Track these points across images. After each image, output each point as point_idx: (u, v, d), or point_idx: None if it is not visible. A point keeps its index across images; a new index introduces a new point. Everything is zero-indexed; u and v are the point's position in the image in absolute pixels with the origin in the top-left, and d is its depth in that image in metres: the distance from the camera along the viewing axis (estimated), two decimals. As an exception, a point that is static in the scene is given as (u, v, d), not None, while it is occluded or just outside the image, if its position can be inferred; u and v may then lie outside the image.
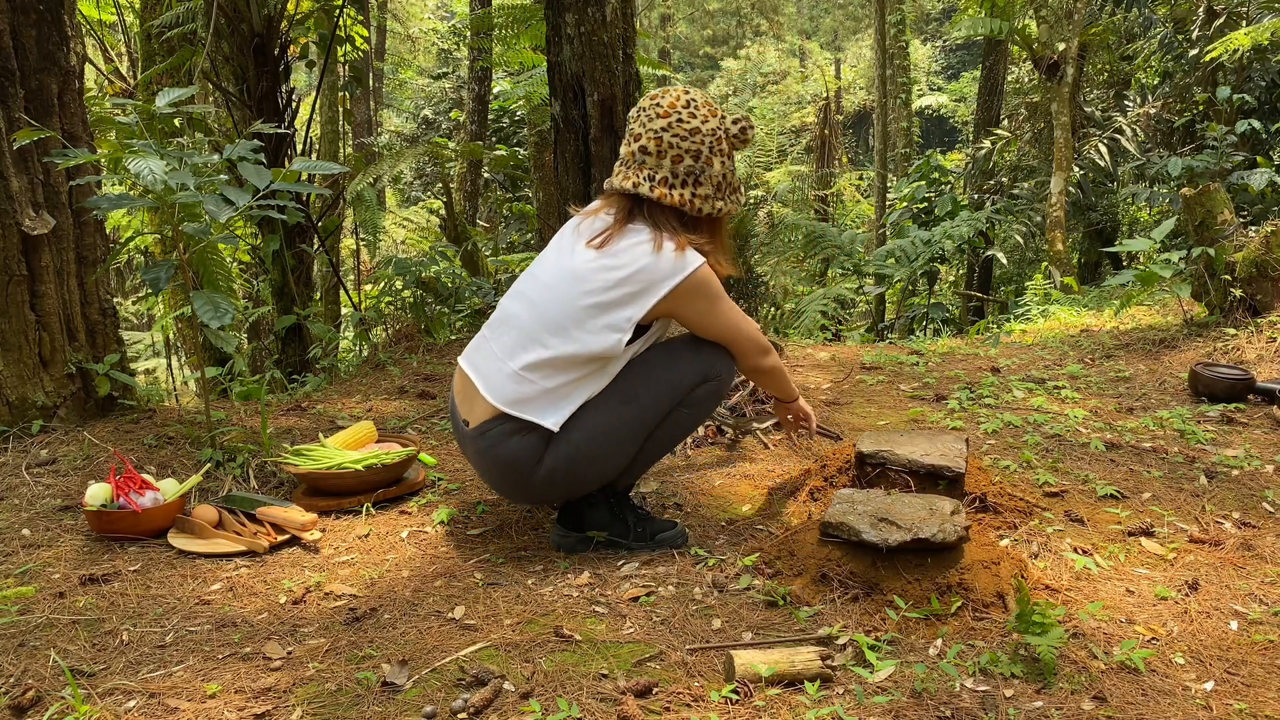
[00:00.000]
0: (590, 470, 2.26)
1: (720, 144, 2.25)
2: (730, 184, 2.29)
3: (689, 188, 2.22)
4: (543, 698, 1.72)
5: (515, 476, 2.25)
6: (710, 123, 2.23)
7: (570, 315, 2.18)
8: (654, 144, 2.21)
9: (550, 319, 2.20)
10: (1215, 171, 7.73)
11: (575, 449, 2.22)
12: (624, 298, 2.16)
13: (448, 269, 5.22)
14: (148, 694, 1.78)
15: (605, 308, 2.16)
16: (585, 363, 2.19)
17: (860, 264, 8.99)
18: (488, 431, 2.24)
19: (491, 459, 2.25)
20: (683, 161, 2.21)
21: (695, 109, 2.23)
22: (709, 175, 2.23)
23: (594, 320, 2.17)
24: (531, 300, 2.26)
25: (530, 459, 2.22)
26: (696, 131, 2.21)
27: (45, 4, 3.22)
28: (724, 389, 2.36)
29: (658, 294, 2.16)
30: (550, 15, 4.32)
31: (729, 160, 2.28)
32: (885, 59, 16.47)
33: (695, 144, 2.21)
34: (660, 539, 2.40)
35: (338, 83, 9.77)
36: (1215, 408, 3.45)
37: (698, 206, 2.23)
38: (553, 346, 2.18)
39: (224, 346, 2.86)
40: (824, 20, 33.02)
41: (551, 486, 2.27)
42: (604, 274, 2.17)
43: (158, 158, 2.65)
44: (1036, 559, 2.25)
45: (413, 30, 21.69)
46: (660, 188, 2.21)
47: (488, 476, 2.32)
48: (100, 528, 2.52)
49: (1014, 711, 1.65)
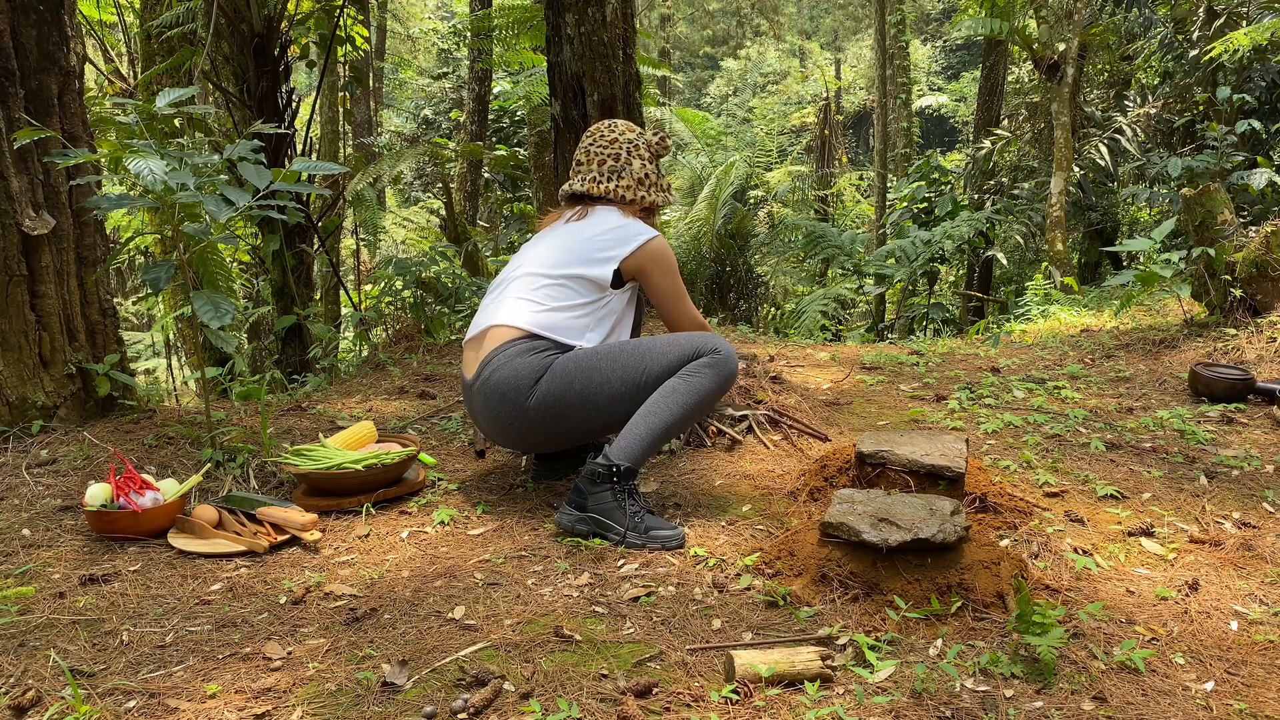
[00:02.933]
0: (579, 411, 2.51)
1: (638, 149, 2.80)
2: (652, 182, 2.82)
3: (613, 181, 2.77)
4: (543, 698, 1.72)
5: (512, 396, 2.51)
6: (628, 135, 2.81)
7: (568, 251, 2.65)
8: (584, 155, 2.82)
9: (550, 258, 2.66)
10: (1215, 171, 7.73)
11: (569, 380, 2.48)
12: (609, 243, 2.66)
13: (448, 269, 5.22)
14: (148, 694, 1.78)
15: (596, 247, 2.65)
16: (583, 287, 2.62)
17: (860, 264, 8.99)
18: (492, 359, 2.55)
19: (492, 386, 2.53)
20: (605, 164, 2.78)
21: (614, 127, 2.83)
22: (629, 171, 2.78)
23: (587, 254, 2.63)
24: (528, 258, 2.71)
25: (527, 381, 2.49)
26: (615, 141, 2.80)
27: (45, 4, 3.22)
28: (724, 367, 2.52)
29: (633, 244, 2.65)
30: (550, 15, 4.32)
31: (650, 164, 2.82)
32: (885, 59, 16.47)
33: (615, 150, 2.79)
34: (654, 535, 2.40)
35: (338, 83, 9.77)
36: (1215, 408, 3.45)
37: (620, 194, 2.77)
38: (554, 274, 2.62)
39: (224, 346, 2.86)
40: (824, 20, 33.02)
41: (542, 418, 2.52)
42: (591, 228, 2.69)
43: (158, 158, 2.65)
44: (1036, 559, 2.25)
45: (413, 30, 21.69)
46: (590, 183, 2.78)
47: (486, 410, 2.58)
48: (100, 528, 2.52)
49: (1014, 711, 1.65)
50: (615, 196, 2.79)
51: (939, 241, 8.47)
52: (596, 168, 2.79)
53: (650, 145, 2.84)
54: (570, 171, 2.87)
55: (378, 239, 10.94)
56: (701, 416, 2.64)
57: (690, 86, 32.36)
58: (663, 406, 2.47)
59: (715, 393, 2.51)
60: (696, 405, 2.48)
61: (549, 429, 2.55)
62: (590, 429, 2.57)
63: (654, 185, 2.84)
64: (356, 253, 11.69)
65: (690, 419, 2.50)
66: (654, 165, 2.85)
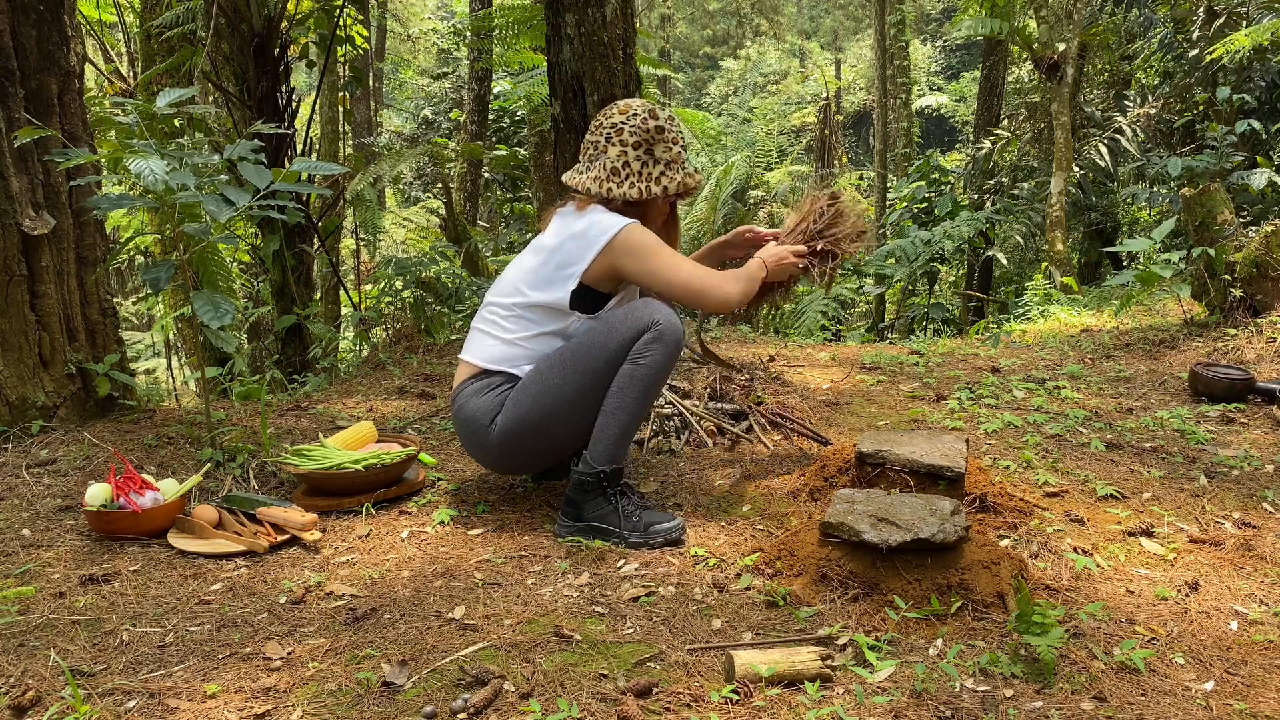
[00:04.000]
0: (543, 431, 2.46)
1: (620, 134, 2.48)
2: (633, 172, 2.49)
3: (587, 173, 2.53)
4: (543, 698, 1.72)
5: (475, 435, 2.51)
6: (614, 118, 2.50)
7: (524, 271, 2.52)
8: (581, 146, 2.59)
9: (507, 282, 2.56)
10: (1215, 171, 7.73)
11: (523, 408, 2.43)
12: (566, 257, 2.45)
13: (448, 269, 5.22)
14: (148, 694, 1.78)
15: (554, 264, 2.46)
16: (540, 315, 2.49)
17: (860, 264, 8.99)
18: (460, 392, 2.55)
19: (458, 420, 2.55)
20: (587, 152, 2.55)
21: (610, 110, 2.53)
22: (602, 161, 2.51)
23: (541, 275, 2.47)
24: (502, 276, 2.62)
25: (485, 418, 2.47)
26: (599, 126, 2.52)
27: (45, 4, 3.22)
28: (668, 336, 2.40)
29: (592, 250, 2.42)
30: (550, 15, 4.32)
31: (634, 150, 2.49)
32: (885, 59, 16.47)
33: (597, 136, 2.52)
34: (655, 530, 2.40)
35: (338, 83, 9.77)
36: (1215, 408, 3.45)
37: (587, 187, 2.52)
38: (507, 304, 2.52)
39: (224, 346, 2.86)
40: (824, 20, 33.02)
41: (506, 447, 2.49)
42: (550, 238, 2.51)
43: (158, 158, 2.65)
44: (1036, 559, 2.25)
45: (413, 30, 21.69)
46: (571, 174, 2.57)
47: (460, 440, 2.60)
48: (100, 528, 2.52)
49: (1014, 711, 1.65)
50: (581, 188, 2.53)
51: (939, 241, 8.47)
52: (583, 159, 2.57)
53: (637, 129, 2.49)
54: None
55: (378, 239, 10.94)
56: (661, 389, 2.50)
57: (690, 86, 32.36)
58: (625, 398, 2.40)
59: (668, 364, 2.44)
60: (655, 383, 2.42)
61: (525, 455, 2.52)
62: (565, 442, 2.50)
63: (634, 176, 2.50)
64: (356, 253, 11.69)
65: (653, 398, 2.46)
66: (640, 152, 2.50)
